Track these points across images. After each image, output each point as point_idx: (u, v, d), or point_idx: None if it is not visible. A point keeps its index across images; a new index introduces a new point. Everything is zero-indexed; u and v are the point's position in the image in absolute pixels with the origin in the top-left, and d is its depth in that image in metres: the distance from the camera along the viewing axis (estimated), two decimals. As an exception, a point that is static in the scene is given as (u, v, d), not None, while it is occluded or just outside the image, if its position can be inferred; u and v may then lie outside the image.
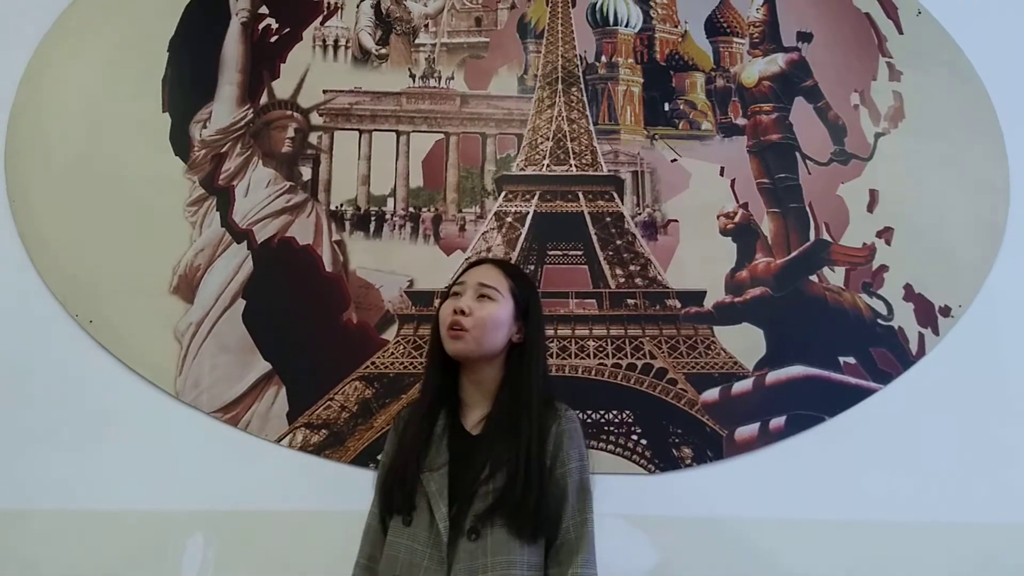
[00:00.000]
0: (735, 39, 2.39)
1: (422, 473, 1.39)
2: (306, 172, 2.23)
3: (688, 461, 2.03)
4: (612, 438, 2.04)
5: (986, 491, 1.99)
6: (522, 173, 2.26)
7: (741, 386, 2.08)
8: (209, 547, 1.94)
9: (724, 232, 2.20)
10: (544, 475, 1.37)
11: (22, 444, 1.98)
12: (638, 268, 2.17)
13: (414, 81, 2.32)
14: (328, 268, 2.15)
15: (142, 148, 2.20)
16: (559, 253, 2.20)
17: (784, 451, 2.02)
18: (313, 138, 2.25)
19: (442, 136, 2.28)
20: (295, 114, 2.27)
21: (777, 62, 2.36)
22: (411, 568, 1.33)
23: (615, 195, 2.24)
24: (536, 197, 2.24)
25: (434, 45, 2.35)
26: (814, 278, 2.17)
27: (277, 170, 2.22)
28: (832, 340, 2.12)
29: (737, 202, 2.22)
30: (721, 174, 2.25)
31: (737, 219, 2.21)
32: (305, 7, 2.35)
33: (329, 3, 2.36)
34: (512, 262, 1.59)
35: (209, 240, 2.15)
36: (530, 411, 1.41)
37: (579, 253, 2.20)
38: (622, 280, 2.17)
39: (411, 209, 2.21)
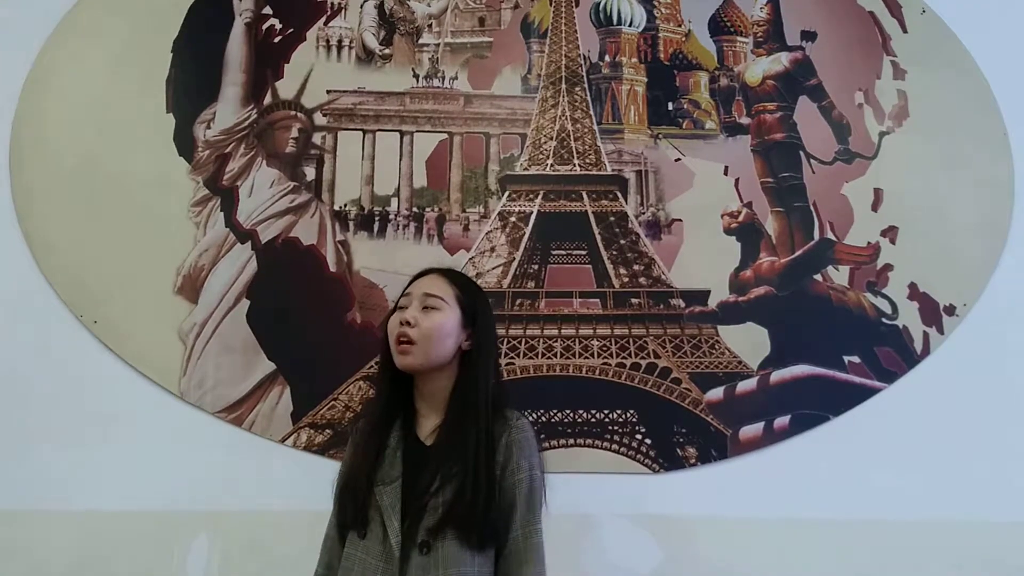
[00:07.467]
0: (739, 38, 2.39)
1: (375, 487, 1.38)
2: (310, 172, 2.23)
3: (692, 460, 2.02)
4: (616, 437, 2.04)
5: (991, 489, 1.99)
6: (526, 173, 2.26)
7: (745, 385, 2.08)
8: (214, 547, 1.94)
9: (728, 231, 2.20)
10: (493, 486, 1.37)
11: (27, 444, 1.99)
12: (642, 267, 2.17)
13: (418, 81, 2.32)
14: (332, 268, 2.15)
15: (146, 149, 2.21)
16: (563, 253, 2.20)
17: (788, 450, 2.02)
18: (317, 138, 2.25)
19: (446, 136, 2.28)
20: (299, 114, 2.27)
21: (781, 61, 2.35)
22: None
23: (619, 194, 2.24)
24: (540, 197, 2.24)
25: (438, 45, 2.35)
26: (818, 277, 2.17)
27: (281, 170, 2.23)
28: (836, 339, 2.12)
29: (741, 201, 2.22)
30: (725, 173, 2.25)
31: (741, 218, 2.21)
32: (309, 8, 2.35)
33: (333, 3, 2.37)
34: (458, 270, 1.54)
35: (213, 240, 2.16)
36: (478, 420, 1.39)
37: (583, 253, 2.20)
38: (626, 279, 2.17)
39: (415, 209, 2.21)
